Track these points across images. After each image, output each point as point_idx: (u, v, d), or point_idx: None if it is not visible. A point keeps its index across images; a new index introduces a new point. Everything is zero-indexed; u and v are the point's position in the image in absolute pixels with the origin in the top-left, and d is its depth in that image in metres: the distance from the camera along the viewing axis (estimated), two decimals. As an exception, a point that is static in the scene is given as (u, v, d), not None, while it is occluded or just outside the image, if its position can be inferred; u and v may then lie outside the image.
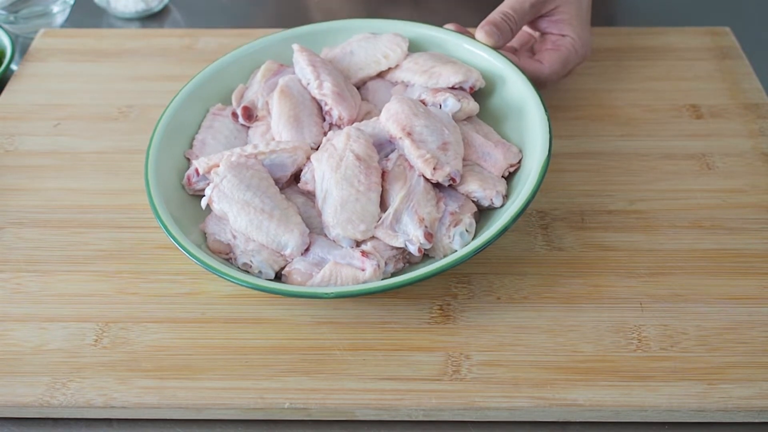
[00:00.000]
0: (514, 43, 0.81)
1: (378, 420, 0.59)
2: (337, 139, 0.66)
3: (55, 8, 0.98)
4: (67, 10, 1.00)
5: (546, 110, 0.68)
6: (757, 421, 0.59)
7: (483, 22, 0.74)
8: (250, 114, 0.73)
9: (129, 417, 0.60)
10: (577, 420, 0.59)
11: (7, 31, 0.91)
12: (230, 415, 0.59)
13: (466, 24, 0.79)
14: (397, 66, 0.74)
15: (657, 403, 0.58)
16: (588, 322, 0.63)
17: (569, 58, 0.76)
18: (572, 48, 0.76)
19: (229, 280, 0.60)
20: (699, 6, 1.01)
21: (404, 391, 0.59)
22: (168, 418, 0.60)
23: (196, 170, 0.68)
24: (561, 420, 0.59)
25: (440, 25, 0.78)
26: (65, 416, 0.60)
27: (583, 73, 0.85)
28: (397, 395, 0.59)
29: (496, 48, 0.74)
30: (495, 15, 0.74)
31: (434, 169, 0.64)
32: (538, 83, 0.73)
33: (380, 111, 0.69)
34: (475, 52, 0.74)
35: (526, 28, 0.81)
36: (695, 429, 0.59)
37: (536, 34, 0.80)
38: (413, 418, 0.59)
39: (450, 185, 0.66)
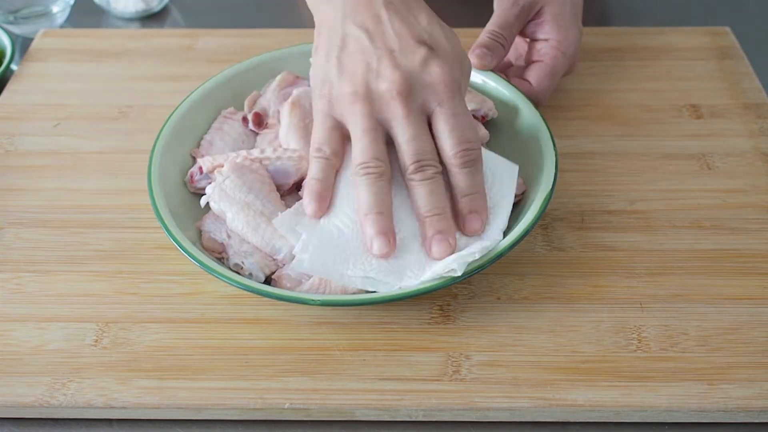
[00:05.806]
0: (509, 55, 0.81)
1: (378, 420, 0.59)
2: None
3: (55, 8, 0.98)
4: (67, 10, 1.00)
5: (554, 146, 0.68)
6: (757, 421, 0.59)
7: (473, 46, 0.74)
8: (260, 121, 0.73)
9: (129, 417, 0.60)
10: (577, 420, 0.59)
11: (7, 31, 0.91)
12: (230, 416, 0.59)
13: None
14: None
15: (657, 403, 0.58)
16: (588, 322, 0.63)
17: (555, 65, 0.75)
18: (557, 52, 0.75)
19: (221, 278, 0.60)
20: (699, 6, 1.01)
21: (404, 391, 0.59)
22: (168, 418, 0.60)
23: (200, 168, 0.68)
24: (561, 420, 0.59)
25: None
26: (65, 416, 0.60)
27: (583, 73, 0.85)
28: (397, 395, 0.59)
29: (492, 69, 0.74)
30: (483, 37, 0.74)
31: None
32: (532, 103, 0.73)
33: None
34: (490, 83, 0.75)
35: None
36: (695, 429, 0.59)
37: (526, 40, 0.80)
38: (413, 419, 0.59)
39: None
